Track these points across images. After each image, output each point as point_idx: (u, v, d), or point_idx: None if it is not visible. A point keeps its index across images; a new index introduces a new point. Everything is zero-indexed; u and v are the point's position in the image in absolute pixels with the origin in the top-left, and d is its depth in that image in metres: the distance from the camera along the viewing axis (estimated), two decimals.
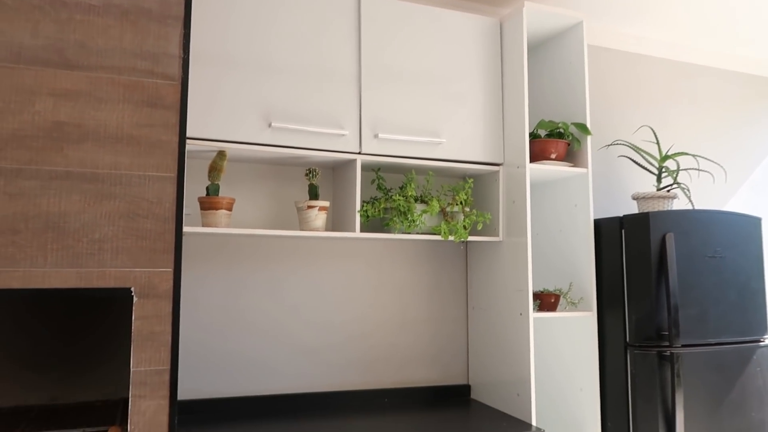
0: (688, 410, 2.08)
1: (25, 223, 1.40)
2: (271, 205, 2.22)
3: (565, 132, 2.27)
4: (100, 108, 1.48)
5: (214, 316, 2.12)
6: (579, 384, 2.24)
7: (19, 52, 1.42)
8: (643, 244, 2.13)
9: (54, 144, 1.44)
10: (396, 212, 2.09)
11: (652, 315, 2.10)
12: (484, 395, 2.32)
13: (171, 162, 1.54)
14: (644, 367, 2.09)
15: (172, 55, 1.56)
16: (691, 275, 2.14)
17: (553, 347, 2.38)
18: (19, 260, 1.39)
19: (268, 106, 1.94)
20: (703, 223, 2.19)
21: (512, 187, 2.19)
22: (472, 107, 2.21)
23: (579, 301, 2.25)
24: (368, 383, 2.30)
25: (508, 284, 2.18)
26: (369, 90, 2.07)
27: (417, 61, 2.15)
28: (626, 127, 2.91)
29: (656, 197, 2.33)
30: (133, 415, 1.46)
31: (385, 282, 2.36)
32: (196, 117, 1.85)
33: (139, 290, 1.48)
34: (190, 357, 2.08)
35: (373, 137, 2.05)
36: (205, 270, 2.12)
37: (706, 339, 2.14)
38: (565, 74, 2.36)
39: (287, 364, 2.20)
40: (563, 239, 2.34)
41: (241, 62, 1.92)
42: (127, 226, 1.49)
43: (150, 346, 1.48)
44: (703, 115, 3.11)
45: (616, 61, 2.93)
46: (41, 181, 1.42)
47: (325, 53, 2.02)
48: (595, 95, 2.87)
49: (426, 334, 2.40)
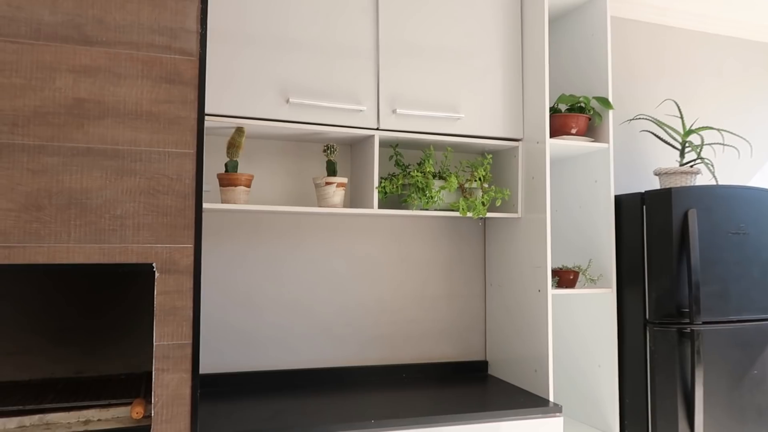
0: (708, 387, 2.07)
1: (48, 199, 1.42)
2: (289, 181, 2.22)
3: (586, 106, 2.23)
4: (119, 84, 1.49)
5: (234, 292, 2.15)
6: (597, 360, 2.24)
7: (39, 28, 1.43)
8: (664, 220, 2.10)
9: (75, 120, 1.45)
10: (414, 188, 2.08)
11: (672, 292, 2.08)
12: (502, 371, 2.33)
13: (190, 138, 1.54)
14: (664, 344, 2.08)
15: (190, 30, 1.55)
16: (713, 252, 2.11)
17: (571, 324, 2.37)
18: (43, 236, 1.41)
19: (286, 82, 1.92)
20: (727, 198, 2.15)
21: (532, 162, 2.16)
22: (492, 82, 2.18)
23: (598, 277, 2.23)
24: (386, 359, 2.32)
25: (526, 261, 2.17)
26: (387, 65, 2.04)
27: (435, 35, 2.11)
28: (649, 101, 2.85)
29: (679, 173, 2.29)
30: (157, 387, 1.48)
31: (403, 258, 2.37)
32: (214, 93, 1.84)
33: (160, 266, 1.50)
34: (210, 332, 2.11)
35: (391, 113, 2.03)
36: (224, 246, 2.14)
37: (727, 316, 2.12)
38: (587, 47, 2.31)
39: (306, 339, 2.22)
40: (583, 215, 2.32)
41: (258, 38, 1.90)
42: (148, 202, 1.50)
43: (172, 321, 1.50)
44: (728, 88, 3.04)
45: (639, 32, 2.86)
46: (63, 158, 1.44)
47: (343, 28, 2.00)
48: (618, 68, 2.81)
49: (444, 310, 2.41)
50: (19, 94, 1.41)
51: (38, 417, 1.48)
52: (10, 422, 1.46)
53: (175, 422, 1.49)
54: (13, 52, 1.40)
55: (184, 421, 1.50)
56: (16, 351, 1.80)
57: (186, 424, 1.50)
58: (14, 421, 1.46)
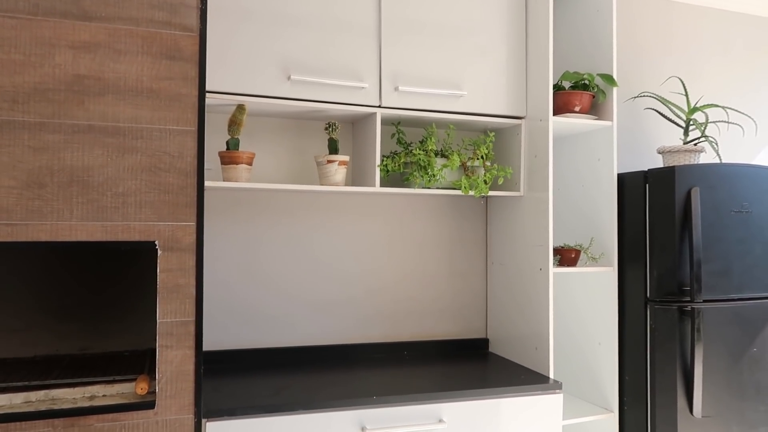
0: (708, 365, 2.08)
1: (50, 176, 1.42)
2: (291, 159, 2.21)
3: (590, 83, 2.21)
4: (119, 60, 1.47)
5: (235, 270, 2.15)
6: (597, 338, 2.25)
7: (37, 3, 1.41)
8: (667, 198, 2.10)
9: (75, 97, 1.44)
10: (416, 167, 2.08)
11: (674, 270, 2.08)
12: (503, 349, 2.34)
13: (191, 115, 1.53)
14: (664, 321, 2.09)
15: (190, 6, 1.53)
16: (716, 230, 2.11)
17: (572, 302, 2.38)
18: (46, 213, 1.41)
19: (287, 58, 1.90)
20: (731, 177, 2.14)
21: (534, 140, 2.15)
22: (495, 59, 2.16)
23: (600, 256, 2.23)
24: (388, 336, 2.33)
25: (528, 239, 2.17)
26: (389, 41, 2.02)
27: (438, 11, 2.08)
28: (654, 79, 2.82)
29: (682, 151, 2.27)
30: (161, 364, 1.50)
31: (405, 237, 2.37)
32: (215, 70, 1.82)
33: (163, 243, 1.50)
34: (213, 309, 2.12)
35: (393, 90, 2.02)
36: (225, 224, 2.14)
37: (728, 294, 2.12)
38: (592, 23, 2.28)
39: (307, 317, 2.24)
40: (585, 194, 2.31)
41: (259, 14, 1.88)
42: (150, 180, 1.50)
43: (175, 298, 1.51)
44: (734, 65, 3.00)
45: (645, 9, 2.82)
46: (64, 135, 1.43)
47: (345, 4, 1.97)
48: (623, 45, 2.77)
49: (445, 288, 2.42)
50: (18, 70, 1.39)
51: (44, 392, 1.50)
52: (16, 398, 1.48)
53: (179, 398, 1.51)
54: (12, 27, 1.39)
55: (188, 397, 1.52)
56: (21, 328, 1.81)
57: (190, 400, 1.52)
58: (20, 396, 1.48)
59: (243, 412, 1.62)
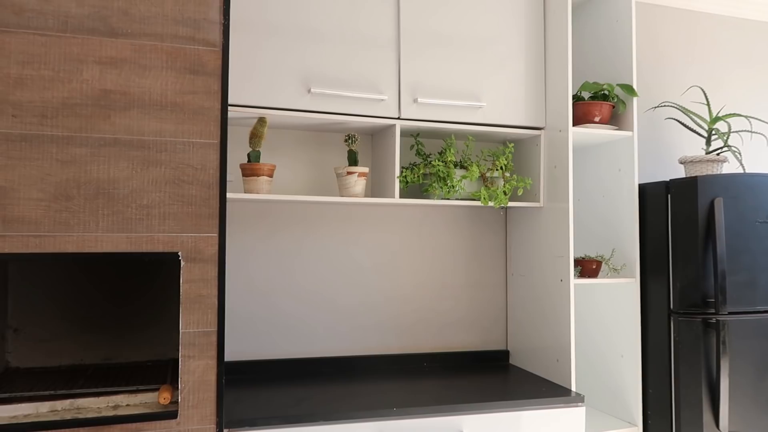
0: (734, 378, 2.04)
1: (77, 189, 1.45)
2: (311, 171, 2.23)
3: (610, 94, 2.20)
4: (144, 75, 1.51)
5: (256, 281, 2.17)
6: (620, 351, 2.22)
7: (66, 20, 1.45)
8: (690, 209, 2.07)
9: (102, 111, 1.47)
10: (435, 178, 2.08)
11: (698, 282, 2.05)
12: (523, 361, 2.32)
13: (214, 128, 1.56)
14: (689, 334, 2.06)
15: (213, 21, 1.56)
16: (740, 241, 2.08)
17: (593, 314, 2.35)
18: (72, 225, 1.44)
19: (307, 72, 1.93)
20: (755, 187, 2.11)
21: (554, 151, 2.14)
22: (514, 69, 2.16)
23: (621, 267, 2.21)
24: (407, 347, 2.33)
25: (548, 250, 2.16)
26: (408, 54, 2.03)
27: (456, 22, 2.10)
28: (675, 88, 2.80)
29: (705, 161, 2.25)
30: (183, 374, 1.51)
31: (425, 248, 2.37)
32: (237, 84, 1.85)
33: (186, 254, 1.52)
34: (235, 320, 2.14)
35: (412, 102, 2.03)
36: (246, 236, 2.16)
37: (754, 306, 2.08)
38: (612, 33, 2.27)
39: (327, 328, 2.24)
40: (606, 205, 2.29)
41: (280, 28, 1.91)
42: (173, 192, 1.52)
43: (198, 309, 1.53)
44: (756, 74, 2.97)
45: (665, 18, 2.81)
46: (91, 148, 1.46)
47: (365, 17, 1.99)
48: (643, 55, 2.76)
49: (465, 299, 2.41)
50: (47, 86, 1.43)
51: (69, 402, 1.53)
52: (42, 406, 1.50)
53: (201, 408, 1.52)
54: (42, 44, 1.43)
55: (210, 407, 1.53)
56: (47, 338, 1.85)
57: (212, 410, 1.53)
58: (46, 405, 1.51)
59: (264, 423, 1.62)
